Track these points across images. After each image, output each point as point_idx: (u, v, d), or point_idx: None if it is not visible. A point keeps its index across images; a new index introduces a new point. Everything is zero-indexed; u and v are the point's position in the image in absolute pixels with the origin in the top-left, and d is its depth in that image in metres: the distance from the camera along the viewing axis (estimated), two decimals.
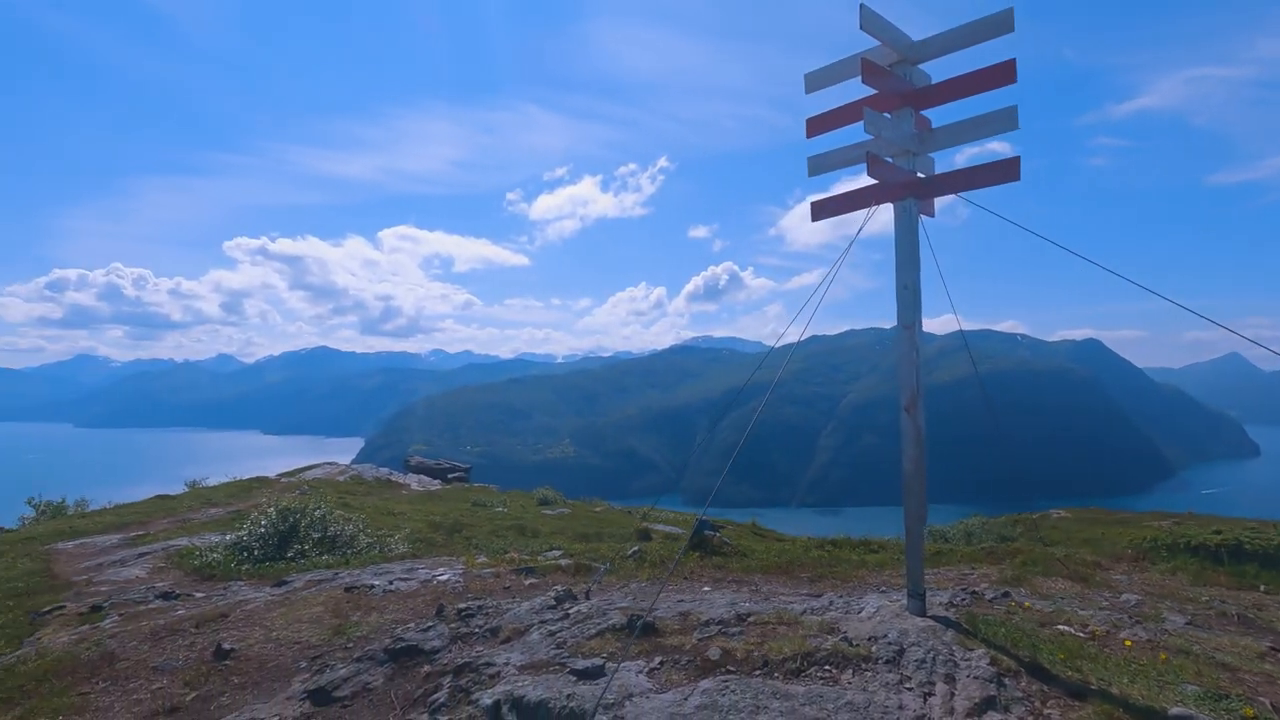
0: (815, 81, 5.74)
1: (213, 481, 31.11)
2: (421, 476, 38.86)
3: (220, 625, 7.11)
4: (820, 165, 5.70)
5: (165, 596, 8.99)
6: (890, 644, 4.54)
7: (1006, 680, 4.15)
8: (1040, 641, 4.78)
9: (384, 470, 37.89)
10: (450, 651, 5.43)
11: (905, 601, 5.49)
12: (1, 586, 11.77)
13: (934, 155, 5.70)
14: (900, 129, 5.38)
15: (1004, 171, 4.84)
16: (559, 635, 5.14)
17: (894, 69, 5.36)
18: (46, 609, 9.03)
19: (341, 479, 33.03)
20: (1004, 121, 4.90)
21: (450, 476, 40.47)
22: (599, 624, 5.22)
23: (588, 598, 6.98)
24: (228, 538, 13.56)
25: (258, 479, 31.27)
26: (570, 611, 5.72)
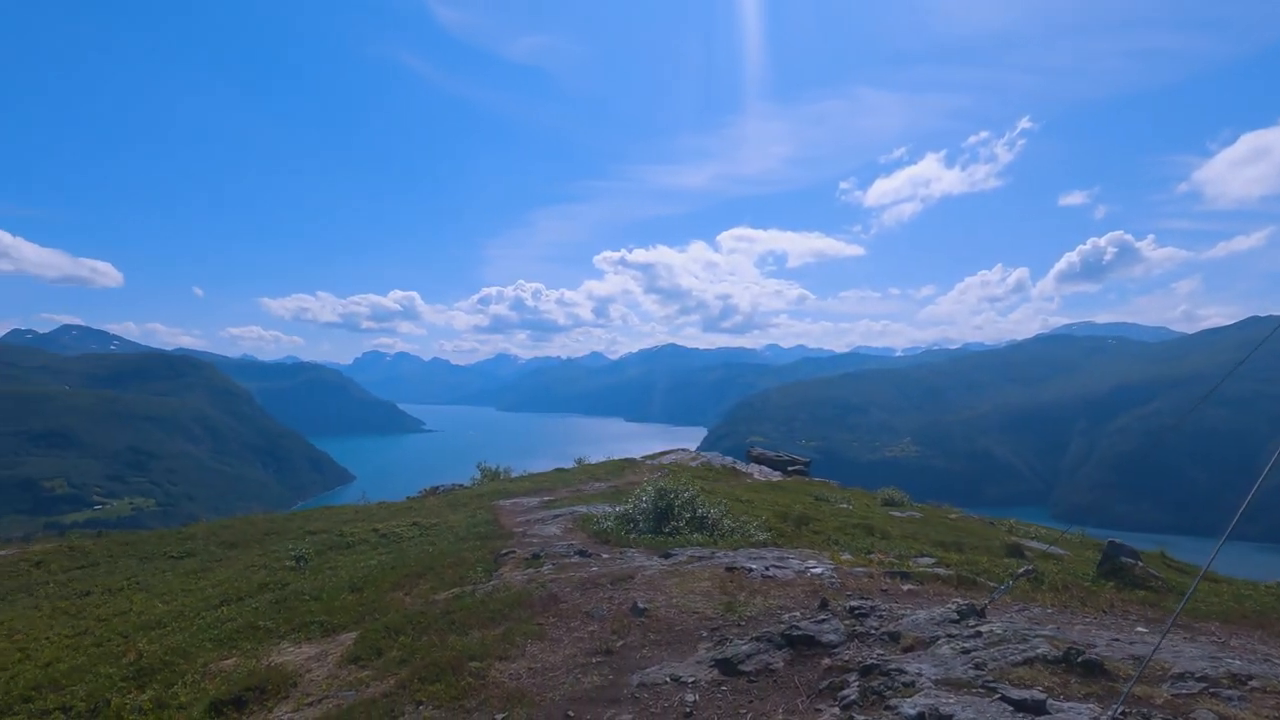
0: None
1: (593, 460, 36.75)
2: (763, 467, 40.07)
3: (629, 585, 8.24)
4: None
5: (581, 554, 10.82)
6: None
7: None
8: None
9: (728, 459, 40.09)
10: (848, 649, 5.37)
11: None
12: (471, 530, 15.58)
13: None
14: None
15: None
16: (974, 654, 4.66)
17: None
18: (504, 551, 11.64)
19: (693, 464, 35.93)
20: None
21: (790, 469, 40.96)
22: (1022, 650, 4.59)
23: (983, 616, 6.26)
24: (617, 509, 15.78)
25: (627, 460, 35.89)
26: (981, 630, 5.16)
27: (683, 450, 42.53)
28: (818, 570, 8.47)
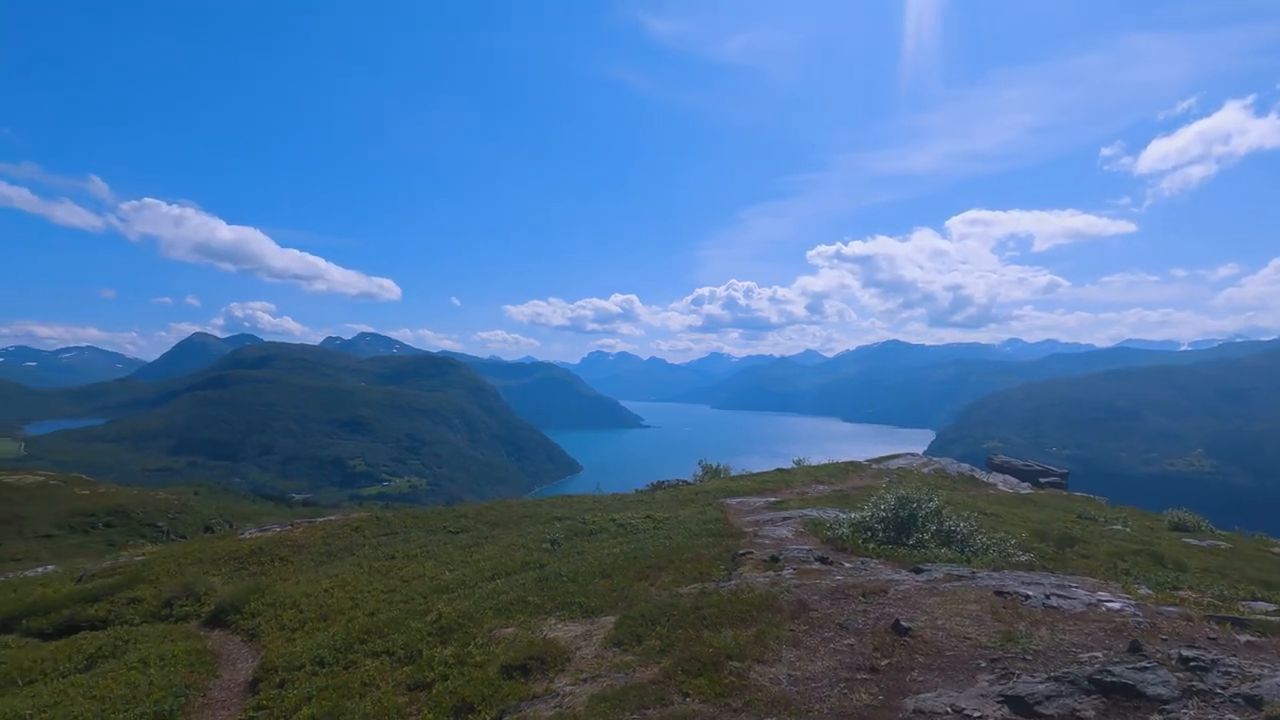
0: None
1: (813, 461, 35.62)
2: (1007, 477, 35.89)
3: (883, 600, 7.80)
4: None
5: (821, 560, 10.50)
6: None
7: None
8: None
9: (965, 466, 36.47)
10: (1186, 708, 4.51)
11: None
12: (703, 527, 15.95)
13: None
14: None
15: None
16: None
17: None
18: (740, 551, 11.74)
19: (925, 470, 33.25)
20: None
21: (1043, 481, 36.20)
22: None
23: None
24: (851, 515, 15.10)
25: (851, 463, 34.27)
26: None
27: (910, 455, 39.68)
28: (1114, 605, 7.27)
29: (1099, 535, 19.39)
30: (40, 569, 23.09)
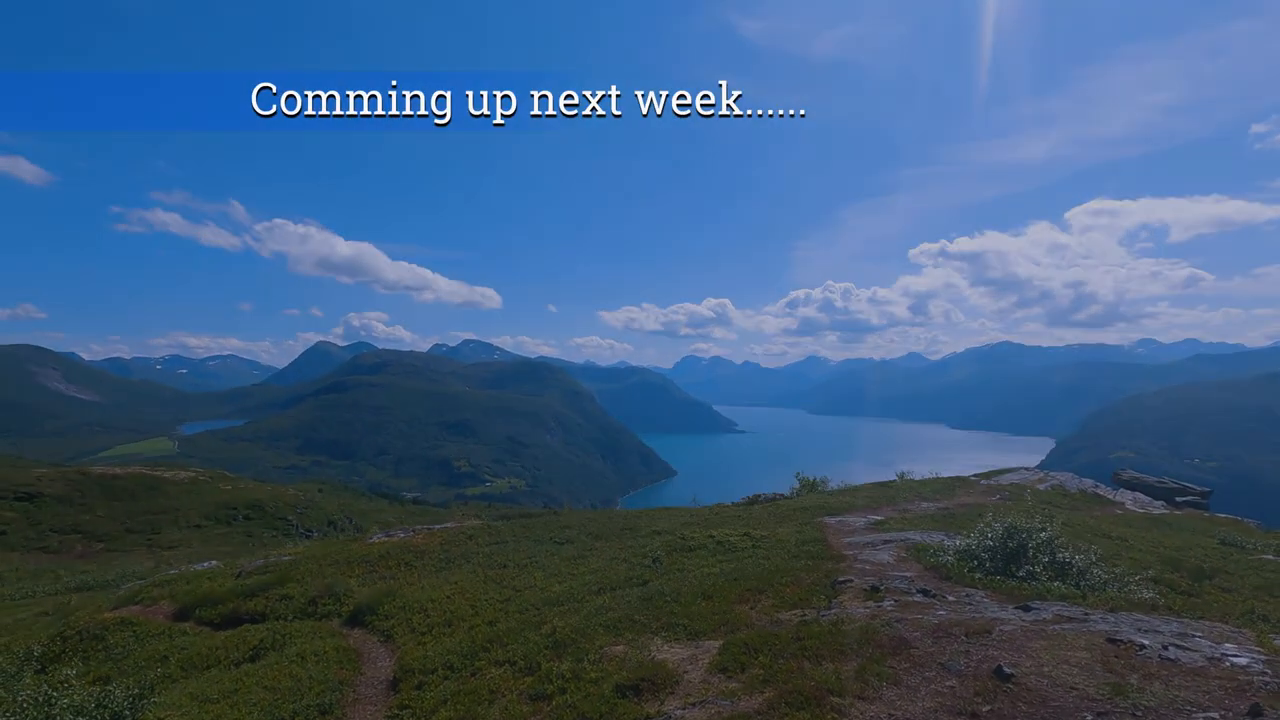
0: None
1: (916, 475, 34.47)
2: (1137, 495, 33.38)
3: (986, 641, 7.84)
4: None
5: (924, 593, 10.52)
6: None
7: None
8: None
9: (1088, 482, 34.22)
10: None
11: None
12: (801, 548, 16.10)
13: None
14: None
15: None
16: None
17: None
18: (841, 579, 11.89)
19: (1042, 487, 31.45)
20: None
21: (1179, 500, 33.37)
22: None
23: None
24: (957, 542, 14.78)
25: (958, 478, 32.91)
26: None
27: (1024, 469, 37.60)
28: (1240, 660, 6.99)
29: (1244, 567, 17.87)
30: (205, 564, 26.25)
